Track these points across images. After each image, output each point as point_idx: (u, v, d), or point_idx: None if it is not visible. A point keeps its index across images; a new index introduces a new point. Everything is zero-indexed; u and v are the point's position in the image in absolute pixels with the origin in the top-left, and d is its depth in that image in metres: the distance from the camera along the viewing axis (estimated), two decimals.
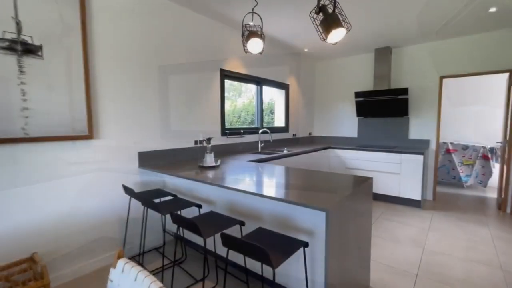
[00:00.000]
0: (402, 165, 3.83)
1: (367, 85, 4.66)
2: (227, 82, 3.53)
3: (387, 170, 3.96)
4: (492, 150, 4.65)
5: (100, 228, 2.22)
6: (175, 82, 2.71)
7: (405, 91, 3.97)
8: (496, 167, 4.67)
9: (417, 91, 4.18)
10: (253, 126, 4.07)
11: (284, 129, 4.54)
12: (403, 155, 3.81)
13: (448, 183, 5.25)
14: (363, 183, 1.74)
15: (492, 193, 4.57)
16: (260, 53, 2.34)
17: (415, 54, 4.16)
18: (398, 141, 4.40)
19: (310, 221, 1.50)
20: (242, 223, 1.63)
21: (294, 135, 4.78)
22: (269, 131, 3.75)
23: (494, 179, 4.85)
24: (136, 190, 2.47)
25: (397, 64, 4.34)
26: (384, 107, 4.26)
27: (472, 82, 5.20)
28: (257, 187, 1.67)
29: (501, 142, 4.08)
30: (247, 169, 2.29)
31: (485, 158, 4.70)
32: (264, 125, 4.28)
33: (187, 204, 2.01)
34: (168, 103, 2.66)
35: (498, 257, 2.42)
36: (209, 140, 2.41)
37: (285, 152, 3.63)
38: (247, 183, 1.79)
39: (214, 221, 1.66)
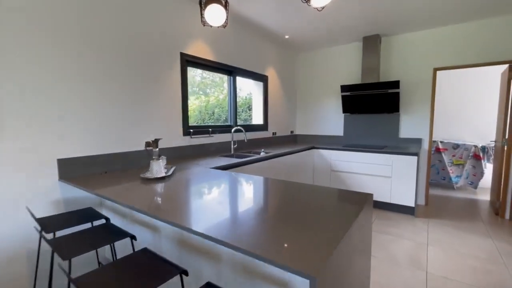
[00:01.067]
0: (393, 168, 3.40)
1: (354, 78, 4.21)
2: (196, 73, 2.92)
3: (377, 172, 3.53)
4: (484, 149, 4.36)
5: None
6: (115, 69, 2.07)
7: (396, 84, 3.55)
8: (488, 168, 4.39)
9: (409, 85, 3.78)
10: (227, 123, 3.48)
11: (263, 127, 3.99)
12: (394, 156, 3.39)
13: (437, 184, 4.95)
14: (363, 204, 1.23)
15: (483, 195, 4.29)
16: (224, 26, 1.77)
17: (406, 43, 3.75)
18: (388, 140, 3.99)
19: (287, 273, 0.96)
20: (184, 273, 1.06)
21: (274, 134, 4.25)
22: (243, 130, 3.19)
23: (485, 180, 4.59)
24: (58, 210, 1.82)
25: (387, 54, 3.91)
26: (372, 102, 3.82)
27: (464, 74, 4.91)
28: (205, 221, 1.10)
29: (494, 141, 3.77)
30: (205, 182, 1.71)
31: (477, 157, 4.41)
32: (241, 122, 3.71)
33: (118, 234, 1.40)
34: (105, 93, 2.02)
35: None
36: (156, 142, 1.80)
37: (262, 154, 3.08)
38: (194, 210, 1.22)
39: (140, 271, 1.07)
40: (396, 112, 3.78)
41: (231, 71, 3.36)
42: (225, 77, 3.44)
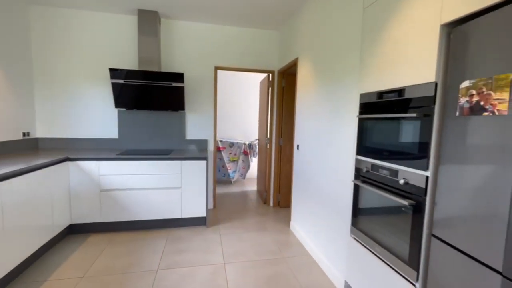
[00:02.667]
0: (183, 176, 2.87)
1: (129, 63, 3.21)
2: None
3: (164, 184, 2.83)
4: (250, 146, 5.11)
5: None
6: None
7: (180, 77, 3.02)
8: (254, 161, 5.20)
9: (193, 80, 3.42)
10: None
11: None
12: (184, 162, 2.86)
13: (219, 181, 5.22)
14: None
15: (251, 186, 5.01)
16: None
17: (189, 33, 3.34)
18: (175, 142, 3.43)
19: None
20: None
21: None
22: None
23: (250, 172, 5.46)
24: None
25: (169, 41, 3.30)
26: (155, 96, 3.06)
27: (235, 77, 5.48)
28: None
29: (258, 139, 4.42)
30: None
31: (245, 153, 5.07)
32: None
33: None
34: None
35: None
36: None
37: None
38: None
39: None
40: (182, 110, 3.29)
41: None
42: None
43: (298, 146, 2.88)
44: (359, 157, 1.71)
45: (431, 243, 1.18)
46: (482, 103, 0.95)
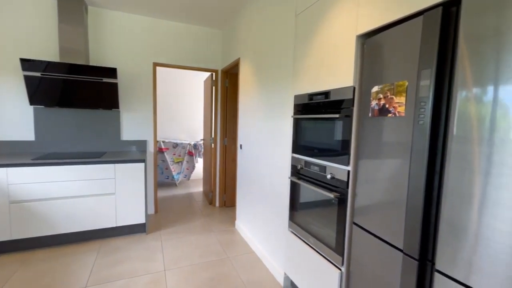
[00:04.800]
0: (117, 181, 2.63)
1: (48, 53, 2.79)
2: None
3: (95, 191, 2.55)
4: (195, 146, 4.96)
5: None
6: None
7: (113, 72, 2.75)
8: (199, 162, 5.07)
9: (129, 77, 3.15)
10: None
11: None
12: (118, 165, 2.62)
13: (162, 184, 4.94)
14: None
15: (196, 187, 4.88)
16: None
17: (123, 25, 3.06)
18: (108, 144, 3.11)
19: None
20: None
21: None
22: None
23: (196, 173, 5.32)
24: None
25: (99, 32, 2.97)
26: (82, 92, 2.72)
27: (178, 75, 5.24)
28: None
29: (203, 139, 4.33)
30: None
31: (190, 154, 4.91)
32: None
33: None
34: None
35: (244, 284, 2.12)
36: None
37: None
38: None
39: None
40: (116, 109, 3.00)
41: None
42: None
43: (241, 145, 2.91)
44: (295, 155, 1.81)
45: (353, 230, 1.32)
46: (387, 105, 1.10)
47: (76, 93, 2.69)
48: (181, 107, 5.34)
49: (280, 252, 2.06)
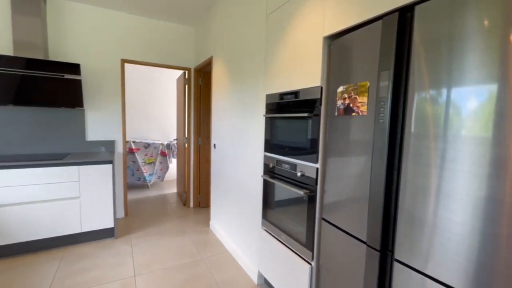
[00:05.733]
0: (82, 184, 2.47)
1: (1, 46, 2.55)
2: None
3: (57, 195, 2.38)
4: (168, 146, 4.82)
5: None
6: None
7: (75, 68, 2.59)
8: (173, 162, 4.94)
9: (95, 73, 2.98)
10: None
11: None
12: (82, 167, 2.46)
13: (133, 186, 4.74)
14: None
15: (170, 188, 4.75)
16: None
17: (88, 18, 2.88)
18: (72, 145, 2.92)
19: None
20: None
21: None
22: None
23: (170, 173, 5.17)
24: None
25: (60, 25, 2.77)
26: (42, 89, 2.52)
27: (149, 73, 5.05)
28: None
29: (177, 139, 4.22)
30: None
31: (163, 154, 4.77)
32: None
33: None
34: None
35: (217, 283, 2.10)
36: None
37: None
38: None
39: None
40: (79, 107, 2.82)
41: None
42: None
43: (215, 145, 2.88)
44: (267, 154, 1.83)
45: (322, 226, 1.37)
46: (351, 105, 1.15)
47: (34, 90, 2.49)
48: (154, 106, 5.15)
49: (254, 251, 2.07)
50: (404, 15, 0.94)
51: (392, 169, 0.99)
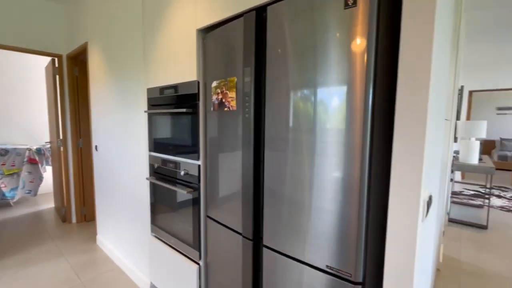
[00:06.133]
0: None
1: None
2: None
3: None
4: (40, 151, 3.86)
5: None
6: None
7: None
8: (48, 171, 3.99)
9: None
10: None
11: None
12: None
13: None
14: None
15: (47, 203, 3.86)
16: None
17: None
18: None
19: None
20: None
21: None
22: None
23: (47, 185, 4.19)
24: None
25: None
26: None
27: (6, 63, 3.87)
28: None
29: (50, 142, 3.43)
30: None
31: (33, 162, 3.79)
32: None
33: None
34: None
35: None
36: None
37: None
38: None
39: None
40: None
41: None
42: None
43: (96, 146, 2.46)
44: (152, 153, 1.67)
45: (207, 223, 1.34)
46: (223, 100, 1.15)
47: None
48: (17, 102, 4.02)
49: (145, 261, 1.89)
50: (261, 15, 0.99)
51: (259, 161, 1.05)
